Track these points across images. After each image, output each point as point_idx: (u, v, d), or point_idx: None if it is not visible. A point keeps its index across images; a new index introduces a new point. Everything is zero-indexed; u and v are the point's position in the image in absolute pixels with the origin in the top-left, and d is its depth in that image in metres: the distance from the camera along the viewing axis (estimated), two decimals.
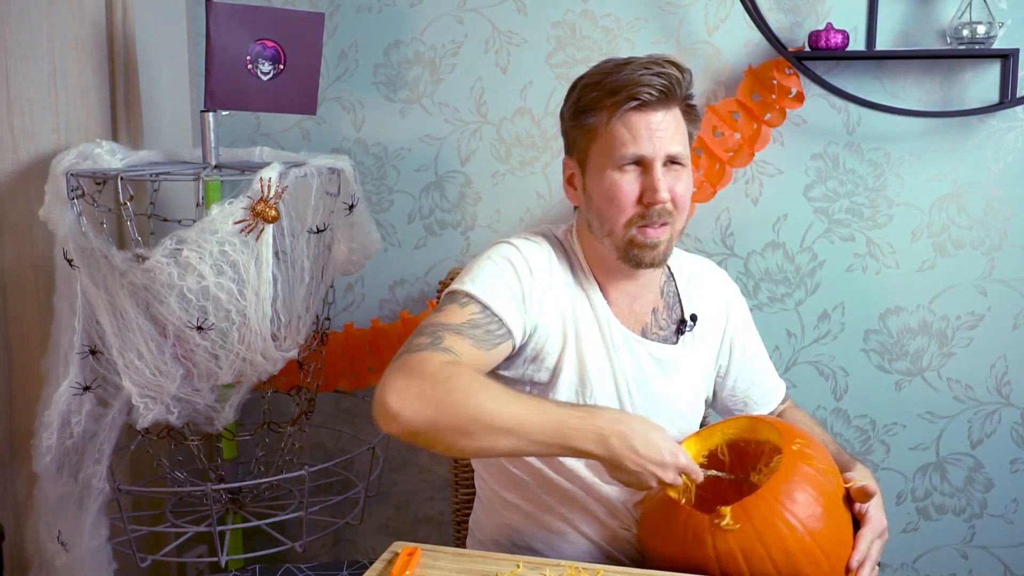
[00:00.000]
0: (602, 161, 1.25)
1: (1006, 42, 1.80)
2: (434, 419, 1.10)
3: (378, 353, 2.11)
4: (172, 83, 2.14)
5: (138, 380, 1.62)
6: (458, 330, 1.19)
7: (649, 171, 1.23)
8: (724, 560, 1.10)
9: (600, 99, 1.24)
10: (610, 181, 1.25)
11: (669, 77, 1.21)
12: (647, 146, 1.22)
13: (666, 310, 1.38)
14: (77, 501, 1.69)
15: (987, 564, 2.00)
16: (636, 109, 1.22)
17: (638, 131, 1.22)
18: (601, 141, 1.25)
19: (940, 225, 1.92)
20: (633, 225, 1.25)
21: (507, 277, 1.25)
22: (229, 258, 1.57)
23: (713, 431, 1.30)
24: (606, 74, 1.24)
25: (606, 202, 1.25)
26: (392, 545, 1.20)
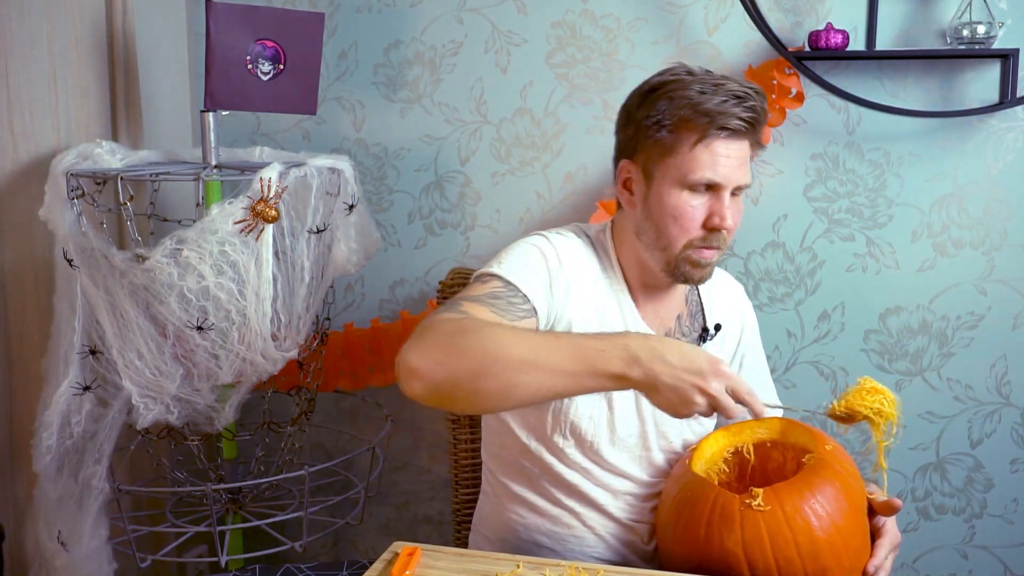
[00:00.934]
0: (674, 178, 1.25)
1: (1006, 42, 1.80)
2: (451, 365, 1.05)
3: (378, 353, 2.11)
4: (172, 83, 2.14)
5: (138, 380, 1.62)
6: (477, 299, 1.18)
7: (719, 198, 1.24)
8: (750, 540, 1.11)
9: (690, 119, 1.22)
10: (679, 200, 1.24)
11: (757, 112, 1.23)
12: (724, 174, 1.23)
13: (689, 317, 1.39)
14: (77, 501, 1.69)
15: (987, 564, 2.00)
16: (723, 138, 1.22)
17: (719, 159, 1.22)
18: (678, 160, 1.24)
19: (940, 225, 1.92)
20: (691, 246, 1.26)
21: (533, 261, 1.26)
22: (229, 258, 1.57)
23: (743, 428, 1.30)
24: (696, 93, 1.22)
25: (670, 219, 1.25)
26: (392, 545, 1.20)
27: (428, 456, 2.21)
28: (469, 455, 1.72)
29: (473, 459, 1.72)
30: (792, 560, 1.10)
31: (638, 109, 1.28)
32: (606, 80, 2.00)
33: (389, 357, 2.11)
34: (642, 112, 1.27)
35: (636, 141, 1.29)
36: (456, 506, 1.73)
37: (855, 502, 1.17)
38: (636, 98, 1.29)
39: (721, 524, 1.13)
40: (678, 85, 1.24)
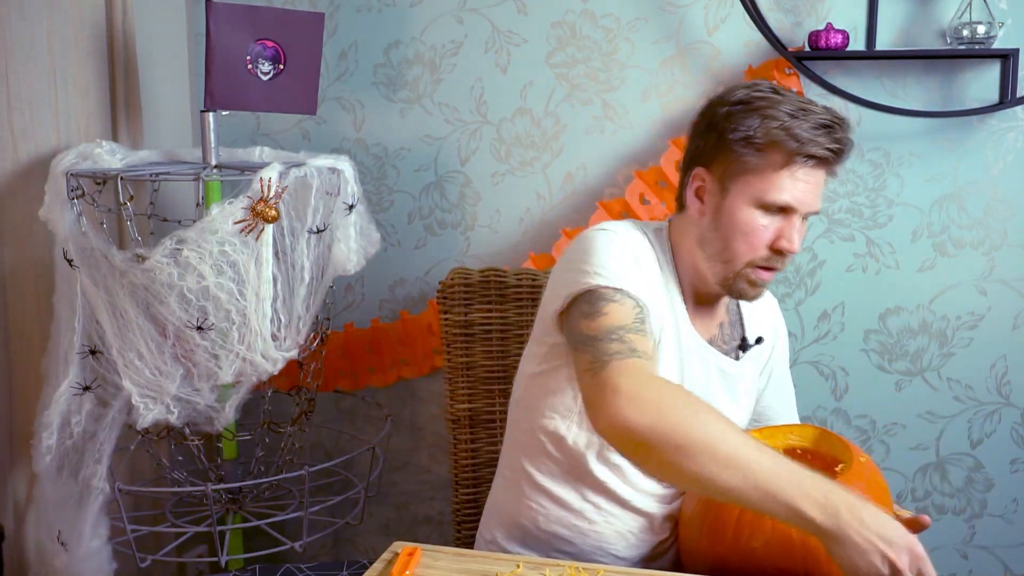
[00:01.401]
0: (751, 196, 1.24)
1: (1006, 42, 1.80)
2: (662, 432, 1.05)
3: (378, 353, 2.11)
4: (172, 83, 2.14)
5: (138, 380, 1.62)
6: (636, 329, 1.16)
7: (790, 221, 1.24)
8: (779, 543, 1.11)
9: (780, 141, 1.21)
10: (752, 218, 1.24)
11: (843, 144, 1.23)
12: (801, 200, 1.23)
13: (729, 327, 1.40)
14: (77, 501, 1.69)
15: (987, 564, 2.00)
16: (807, 165, 1.22)
17: (801, 185, 1.22)
18: (759, 178, 1.23)
19: (940, 225, 1.92)
20: (753, 265, 1.26)
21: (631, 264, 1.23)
22: (229, 258, 1.57)
23: (775, 432, 1.32)
24: (790, 116, 1.21)
25: (739, 235, 1.25)
26: (392, 545, 1.21)
27: (428, 456, 2.21)
28: (469, 455, 1.72)
29: (473, 459, 1.72)
30: (820, 563, 1.10)
31: (724, 120, 1.25)
32: (606, 80, 2.00)
33: (389, 357, 2.11)
34: (728, 124, 1.24)
35: (717, 152, 1.26)
36: (456, 506, 1.73)
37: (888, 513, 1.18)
38: (721, 108, 1.26)
39: (752, 523, 1.13)
40: (768, 103, 1.23)
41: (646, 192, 1.90)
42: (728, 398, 1.36)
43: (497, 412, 1.71)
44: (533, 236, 2.07)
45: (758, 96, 1.24)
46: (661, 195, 1.90)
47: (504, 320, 1.70)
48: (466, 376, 1.71)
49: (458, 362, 1.70)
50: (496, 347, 1.70)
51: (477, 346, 1.70)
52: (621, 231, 1.28)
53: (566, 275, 1.25)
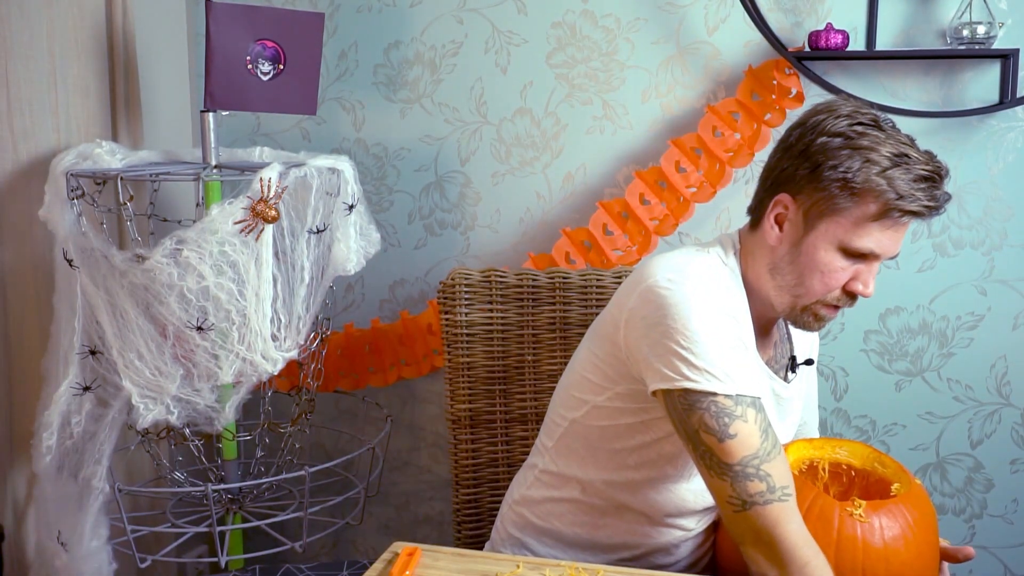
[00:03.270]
0: (836, 237, 1.19)
1: (1006, 42, 1.80)
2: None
3: (378, 353, 2.11)
4: (172, 83, 2.14)
5: (138, 380, 1.62)
6: (768, 457, 1.14)
7: (870, 267, 1.22)
8: (844, 546, 1.13)
9: (882, 192, 1.16)
10: (832, 260, 1.20)
11: (940, 201, 1.19)
12: (887, 249, 1.21)
13: (780, 344, 1.38)
14: (77, 501, 1.69)
15: (987, 564, 2.00)
16: (901, 219, 1.18)
17: (890, 237, 1.20)
18: (848, 222, 1.18)
19: (940, 225, 1.92)
20: (823, 303, 1.23)
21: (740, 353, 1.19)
22: (229, 258, 1.57)
23: (825, 445, 1.32)
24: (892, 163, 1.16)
25: (817, 274, 1.21)
26: (392, 545, 1.21)
27: (428, 456, 2.21)
28: (469, 455, 1.72)
29: (473, 459, 1.72)
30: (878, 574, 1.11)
31: (820, 154, 1.18)
32: (606, 80, 2.00)
33: (389, 357, 2.11)
34: (825, 159, 1.18)
35: (807, 183, 1.20)
36: (456, 506, 1.73)
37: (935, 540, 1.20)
38: (820, 137, 1.19)
39: (817, 524, 1.14)
40: (870, 144, 1.17)
41: (646, 192, 1.90)
42: (779, 421, 1.34)
43: (497, 412, 1.72)
44: (533, 236, 2.07)
45: (860, 133, 1.18)
46: (661, 195, 1.90)
47: (504, 320, 1.70)
48: (466, 376, 1.71)
49: (458, 362, 1.70)
50: (496, 347, 1.70)
51: (477, 346, 1.70)
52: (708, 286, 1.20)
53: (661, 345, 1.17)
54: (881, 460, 1.28)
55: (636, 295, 1.21)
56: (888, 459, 1.28)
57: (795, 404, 1.38)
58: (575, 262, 1.92)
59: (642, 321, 1.19)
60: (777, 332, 1.37)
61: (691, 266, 1.22)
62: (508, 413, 1.72)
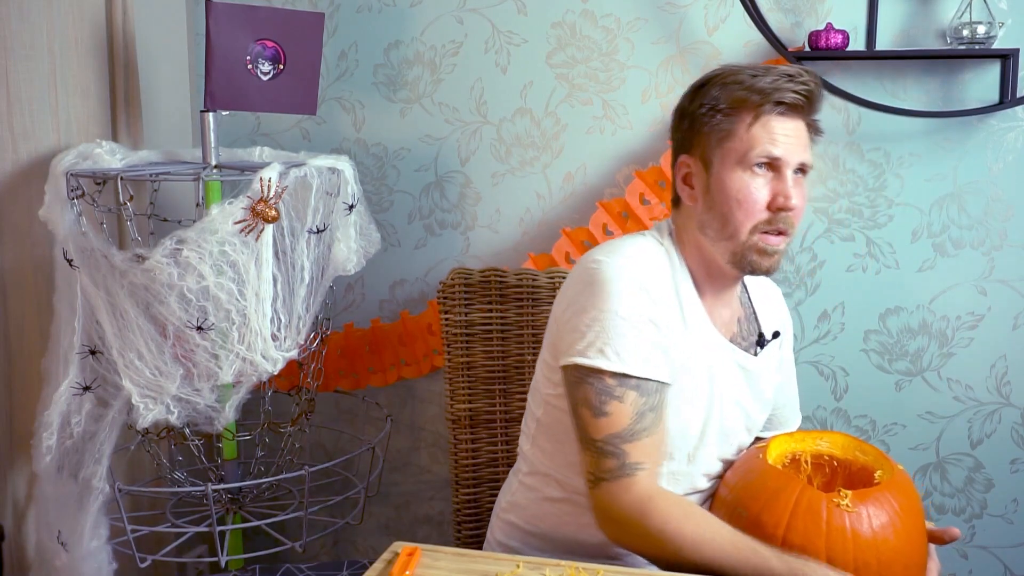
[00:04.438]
0: (734, 161, 1.24)
1: (1006, 42, 1.80)
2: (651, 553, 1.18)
3: (378, 353, 2.11)
4: (172, 83, 2.14)
5: (138, 380, 1.62)
6: (632, 436, 1.18)
7: (781, 176, 1.23)
8: (834, 536, 1.13)
9: (744, 100, 1.22)
10: (741, 183, 1.23)
11: (811, 88, 1.23)
12: (785, 150, 1.22)
13: (746, 321, 1.39)
14: (77, 501, 1.69)
15: (987, 564, 2.00)
16: (779, 115, 1.22)
17: (777, 135, 1.22)
18: (735, 142, 1.23)
19: (940, 225, 1.92)
20: (757, 231, 1.24)
21: (647, 332, 1.21)
22: (229, 258, 1.57)
23: (806, 437, 1.33)
24: (748, 76, 1.23)
25: (734, 203, 1.24)
26: (392, 545, 1.21)
27: (428, 456, 2.21)
28: (469, 455, 1.72)
29: (473, 459, 1.72)
30: (870, 564, 1.12)
31: (691, 103, 1.28)
32: (606, 80, 2.00)
33: (389, 357, 2.11)
34: (695, 104, 1.27)
35: (692, 134, 1.28)
36: (456, 506, 1.73)
37: (922, 524, 1.21)
38: (687, 95, 1.30)
39: (806, 518, 1.14)
40: (728, 72, 1.26)
41: (646, 192, 1.90)
42: (751, 395, 1.36)
43: (497, 412, 1.72)
44: (533, 236, 2.07)
45: (717, 72, 1.27)
46: (661, 195, 1.90)
47: (504, 320, 1.70)
48: (466, 376, 1.71)
49: (458, 362, 1.70)
50: (496, 347, 1.71)
51: (477, 346, 1.70)
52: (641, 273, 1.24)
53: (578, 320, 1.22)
54: (862, 448, 1.29)
55: (569, 276, 1.29)
56: (868, 447, 1.29)
57: (766, 381, 1.39)
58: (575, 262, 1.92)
59: (563, 298, 1.27)
60: (743, 309, 1.39)
61: (623, 246, 1.28)
62: (508, 413, 1.72)
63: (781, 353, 1.45)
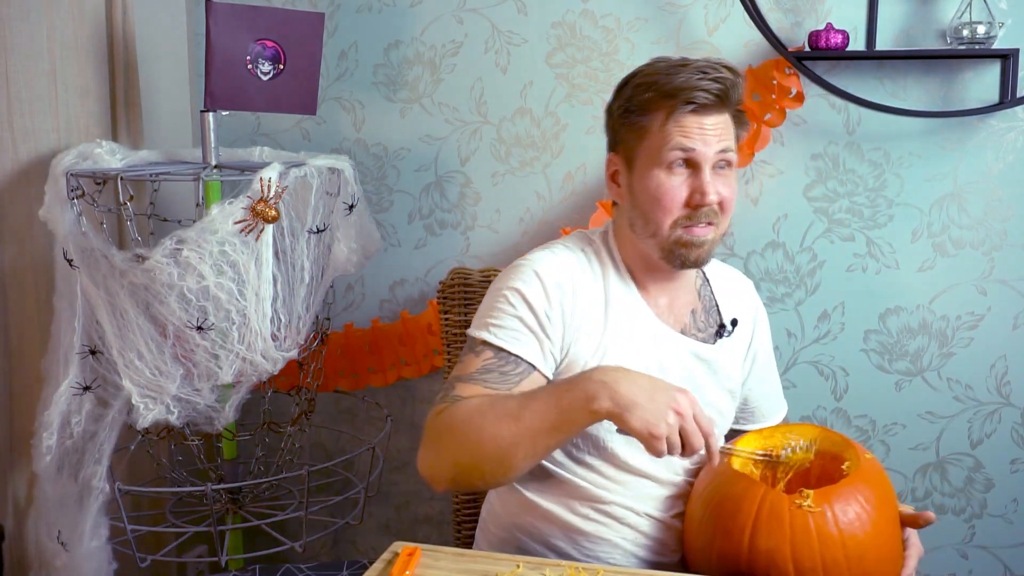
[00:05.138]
0: (651, 160, 1.25)
1: (1006, 42, 1.80)
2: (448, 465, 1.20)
3: (378, 353, 2.11)
4: (172, 83, 2.14)
5: (138, 380, 1.62)
6: (470, 378, 1.23)
7: (698, 173, 1.24)
8: (799, 540, 1.12)
9: (655, 100, 1.24)
10: (658, 181, 1.25)
11: (724, 82, 1.23)
12: (699, 146, 1.23)
13: (704, 312, 1.39)
14: (77, 501, 1.69)
15: (987, 564, 2.00)
16: (692, 111, 1.23)
17: (690, 131, 1.23)
18: (651, 140, 1.25)
19: (940, 225, 1.92)
20: (679, 226, 1.25)
21: (520, 312, 1.26)
22: (229, 258, 1.57)
23: (775, 432, 1.32)
24: (662, 74, 1.24)
25: (653, 202, 1.26)
26: (392, 545, 1.21)
27: None
28: None
29: None
30: (839, 562, 1.11)
31: (613, 101, 1.31)
32: (606, 80, 1.99)
33: (389, 357, 2.11)
34: (616, 103, 1.30)
35: (615, 132, 1.31)
36: (456, 506, 1.73)
37: (893, 511, 1.19)
38: (613, 93, 1.32)
39: (769, 521, 1.13)
40: (645, 70, 1.27)
41: None
42: (711, 382, 1.36)
43: None
44: (533, 236, 2.07)
45: (638, 70, 1.28)
46: None
47: None
48: None
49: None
50: None
51: None
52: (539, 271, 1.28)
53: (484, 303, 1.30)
54: (831, 439, 1.28)
55: None
56: (836, 436, 1.28)
57: (729, 370, 1.38)
58: None
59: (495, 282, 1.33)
60: (701, 300, 1.39)
61: (546, 246, 1.33)
62: None
63: (753, 344, 1.44)
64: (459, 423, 1.16)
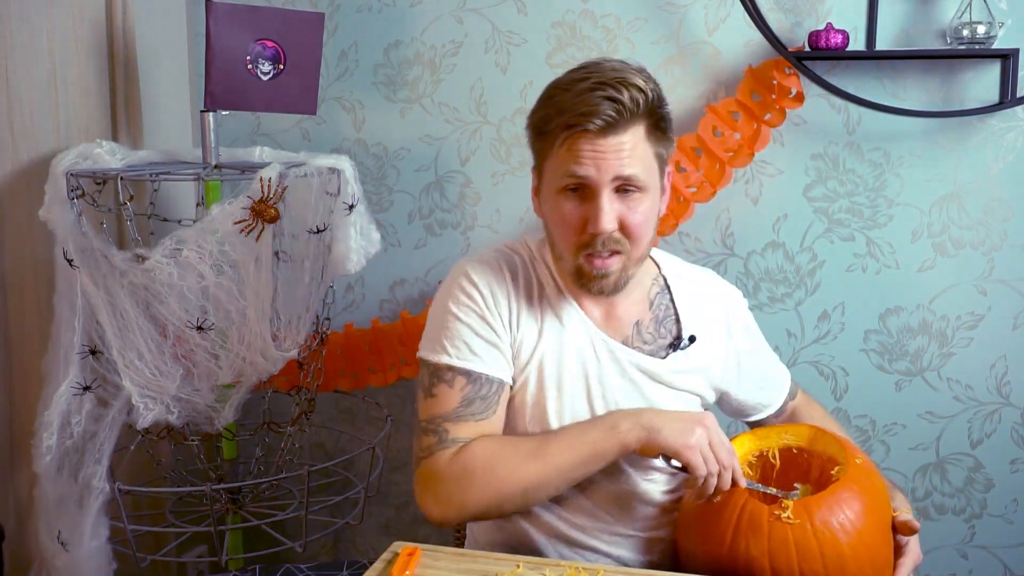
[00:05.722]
0: (551, 182, 1.19)
1: (1006, 42, 1.80)
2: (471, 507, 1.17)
3: (378, 353, 2.11)
4: (172, 83, 2.14)
5: (138, 380, 1.62)
6: (456, 416, 1.21)
7: (593, 198, 1.16)
8: (776, 550, 1.11)
9: (549, 118, 1.17)
10: (556, 204, 1.19)
11: (620, 102, 1.12)
12: (591, 171, 1.14)
13: (654, 323, 1.31)
14: (77, 501, 1.69)
15: (987, 564, 2.00)
16: (585, 134, 1.14)
17: (582, 156, 1.14)
18: (551, 161, 1.19)
19: (940, 225, 1.91)
20: (580, 253, 1.19)
21: (476, 325, 1.23)
22: (229, 258, 1.57)
23: (770, 433, 1.30)
24: (560, 89, 1.17)
25: (555, 225, 1.21)
26: (392, 545, 1.21)
27: None
28: None
29: None
30: (817, 572, 1.10)
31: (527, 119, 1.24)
32: None
33: (389, 357, 2.11)
34: (528, 121, 1.24)
35: (530, 147, 1.25)
36: None
37: (881, 518, 1.17)
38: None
39: (748, 532, 1.13)
40: (554, 81, 1.20)
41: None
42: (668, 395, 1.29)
43: None
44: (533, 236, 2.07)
45: (552, 83, 1.20)
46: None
47: None
48: None
49: None
50: None
51: None
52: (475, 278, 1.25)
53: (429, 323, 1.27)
54: (824, 439, 1.26)
55: None
56: (829, 436, 1.25)
57: (690, 381, 1.31)
58: None
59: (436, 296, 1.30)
60: (653, 312, 1.32)
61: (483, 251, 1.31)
62: None
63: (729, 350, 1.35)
64: (478, 470, 1.16)
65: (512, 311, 1.26)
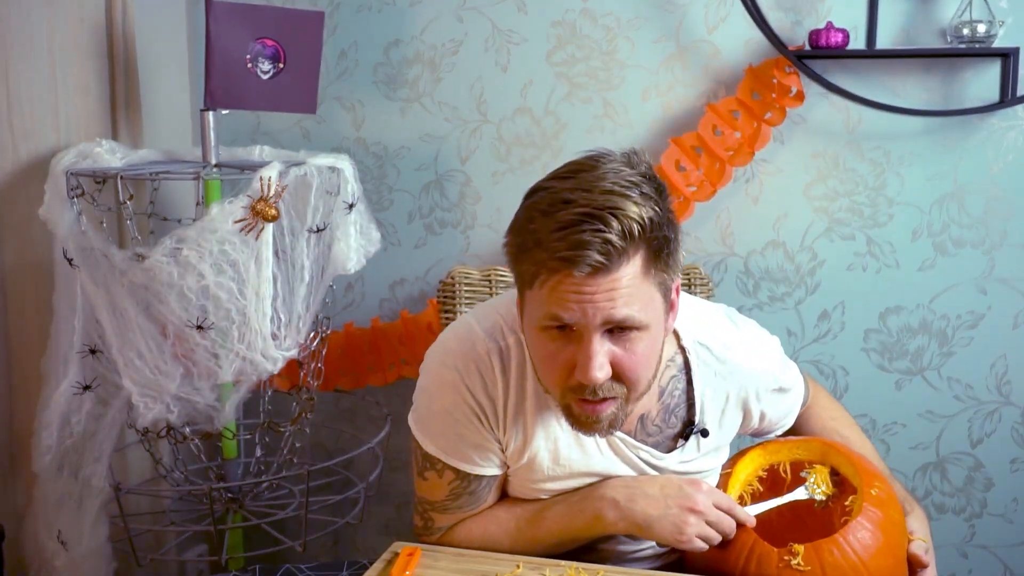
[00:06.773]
0: (532, 316, 1.03)
1: (1006, 41, 1.80)
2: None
3: (378, 353, 2.11)
4: (172, 83, 2.14)
5: (138, 379, 1.62)
6: (444, 508, 1.24)
7: (580, 340, 0.99)
8: None
9: (526, 250, 1.00)
10: (539, 341, 1.03)
11: (610, 242, 0.94)
12: (576, 316, 0.97)
13: (663, 413, 1.19)
14: (77, 501, 1.69)
15: (987, 564, 2.00)
16: (566, 275, 0.97)
17: (567, 300, 0.97)
18: (532, 294, 1.02)
19: (940, 224, 1.91)
20: (571, 395, 1.04)
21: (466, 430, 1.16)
22: (229, 257, 1.57)
23: (781, 447, 1.24)
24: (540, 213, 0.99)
25: (538, 363, 1.06)
26: (392, 545, 1.21)
27: None
28: None
29: None
30: None
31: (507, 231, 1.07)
32: (606, 79, 1.99)
33: (389, 356, 2.11)
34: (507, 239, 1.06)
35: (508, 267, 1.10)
36: None
37: (897, 556, 1.13)
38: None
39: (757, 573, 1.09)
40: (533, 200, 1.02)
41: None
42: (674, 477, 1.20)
43: None
44: None
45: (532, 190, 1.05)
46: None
47: None
48: None
49: None
50: None
51: None
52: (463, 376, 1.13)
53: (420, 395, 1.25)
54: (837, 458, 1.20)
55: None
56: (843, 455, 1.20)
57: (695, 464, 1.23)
58: None
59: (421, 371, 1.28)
60: (660, 402, 1.19)
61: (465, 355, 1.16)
62: None
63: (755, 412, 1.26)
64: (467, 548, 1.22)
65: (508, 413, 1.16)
